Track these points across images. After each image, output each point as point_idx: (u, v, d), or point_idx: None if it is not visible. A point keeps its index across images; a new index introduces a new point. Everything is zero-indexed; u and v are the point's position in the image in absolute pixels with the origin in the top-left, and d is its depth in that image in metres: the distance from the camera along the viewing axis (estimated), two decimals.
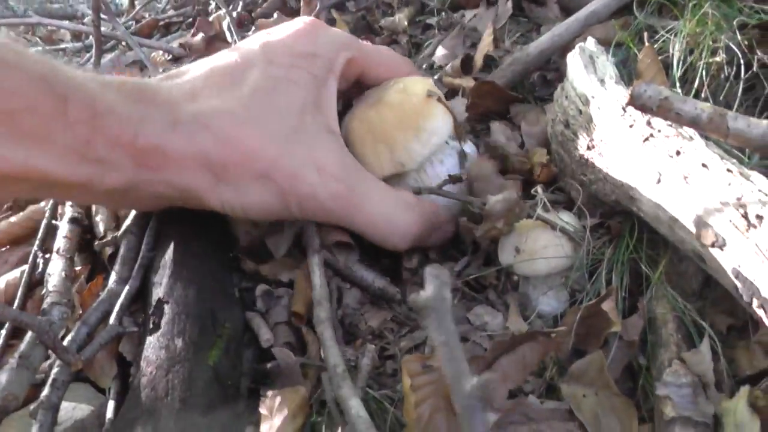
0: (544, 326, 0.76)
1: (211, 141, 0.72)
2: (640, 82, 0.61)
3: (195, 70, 0.79)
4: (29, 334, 0.68)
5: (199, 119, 0.72)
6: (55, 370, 0.70)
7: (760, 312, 0.58)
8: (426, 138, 0.81)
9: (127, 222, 0.87)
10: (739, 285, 0.60)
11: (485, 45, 1.08)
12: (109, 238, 0.87)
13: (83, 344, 0.72)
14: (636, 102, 0.61)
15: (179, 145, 0.70)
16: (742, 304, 0.60)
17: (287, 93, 0.77)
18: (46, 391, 0.67)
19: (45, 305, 0.71)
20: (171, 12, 1.92)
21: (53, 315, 0.69)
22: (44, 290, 0.78)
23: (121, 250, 0.84)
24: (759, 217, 0.58)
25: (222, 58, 0.81)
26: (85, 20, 2.46)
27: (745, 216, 0.59)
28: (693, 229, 0.63)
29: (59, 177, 0.65)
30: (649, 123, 0.71)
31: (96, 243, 0.89)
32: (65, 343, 0.70)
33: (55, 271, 0.77)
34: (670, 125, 0.70)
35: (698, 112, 0.59)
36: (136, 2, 2.58)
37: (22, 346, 0.67)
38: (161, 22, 1.83)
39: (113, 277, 0.81)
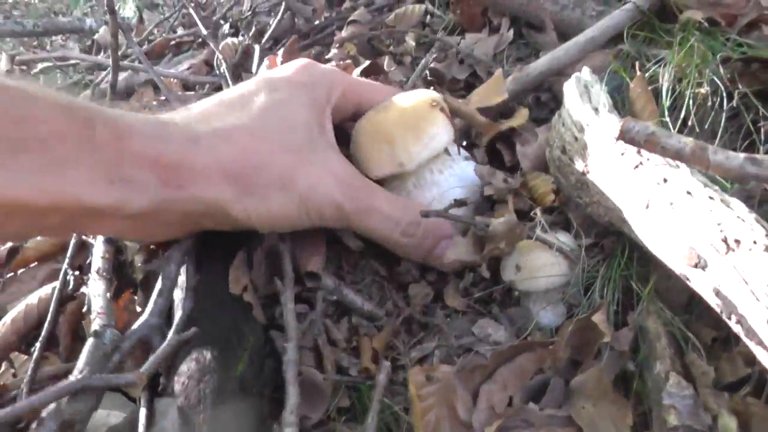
0: (543, 338, 0.82)
1: (232, 152, 0.76)
2: (629, 119, 0.67)
3: (203, 102, 0.85)
4: (85, 353, 0.73)
5: (219, 133, 0.77)
6: None
7: (737, 327, 0.64)
8: (426, 141, 0.87)
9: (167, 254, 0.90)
10: (719, 303, 0.66)
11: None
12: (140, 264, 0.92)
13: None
14: (625, 137, 0.67)
15: (202, 158, 0.75)
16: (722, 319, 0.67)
17: (294, 112, 0.83)
18: None
19: (96, 327, 0.76)
20: (181, 31, 1.97)
21: (106, 337, 0.75)
22: (87, 310, 0.84)
23: (159, 284, 0.86)
24: (737, 241, 0.65)
25: (228, 91, 0.88)
26: (96, 36, 2.53)
27: (725, 240, 0.65)
28: (678, 251, 0.69)
29: (91, 202, 0.68)
30: (639, 152, 0.77)
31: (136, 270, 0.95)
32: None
33: (99, 292, 0.82)
34: None
35: (682, 146, 0.66)
36: (145, 19, 2.65)
37: (80, 365, 0.72)
38: (172, 42, 1.88)
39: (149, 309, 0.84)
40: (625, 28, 1.04)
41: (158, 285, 0.85)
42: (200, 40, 1.83)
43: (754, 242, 0.64)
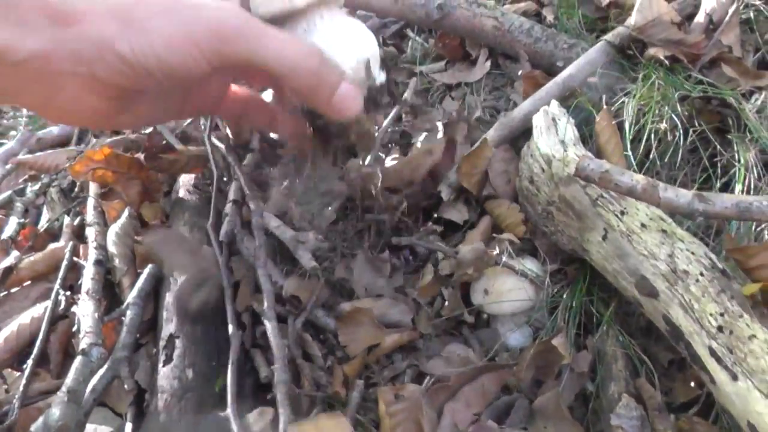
0: (510, 359, 0.86)
1: None
2: (585, 157, 0.72)
3: None
4: (73, 370, 0.78)
5: None
6: None
7: (684, 353, 0.69)
8: None
9: (132, 294, 0.96)
10: (668, 329, 0.71)
11: None
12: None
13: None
14: (581, 174, 0.73)
15: None
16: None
17: None
18: None
19: (84, 345, 0.80)
20: None
21: (92, 355, 0.79)
22: (77, 329, 0.88)
23: (126, 319, 0.93)
24: (685, 272, 0.70)
25: None
26: None
27: (674, 271, 0.70)
28: (632, 280, 0.74)
29: None
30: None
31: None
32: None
33: (88, 312, 0.86)
34: None
35: (634, 183, 0.71)
36: None
37: (69, 381, 0.76)
38: None
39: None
40: (599, 65, 1.08)
41: (127, 318, 0.91)
42: None
43: (701, 274, 0.70)
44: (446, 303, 0.92)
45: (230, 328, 0.85)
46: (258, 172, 1.07)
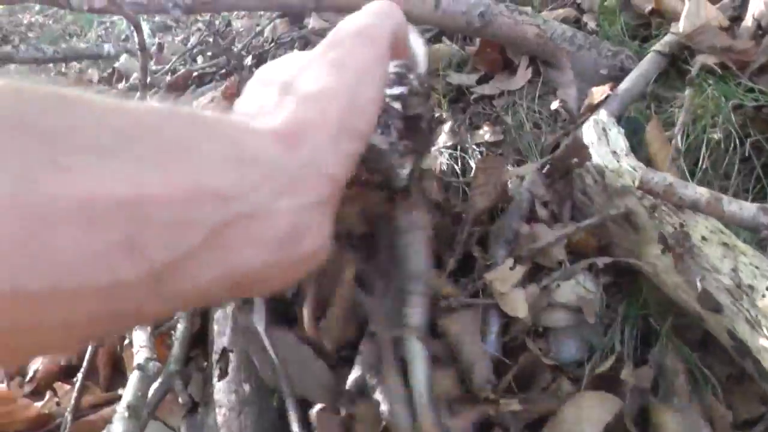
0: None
1: None
2: (648, 170, 0.72)
3: None
4: (132, 385, 0.78)
5: None
6: None
7: (752, 369, 0.68)
8: None
9: None
10: (733, 344, 0.70)
11: None
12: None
13: None
14: (644, 187, 0.72)
15: None
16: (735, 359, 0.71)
17: None
18: None
19: (140, 360, 0.81)
20: (202, 62, 2.03)
21: (149, 369, 0.80)
22: (129, 343, 0.88)
23: (177, 333, 0.94)
24: (750, 287, 0.69)
25: None
26: (117, 65, 2.60)
27: (739, 286, 0.69)
28: (693, 294, 0.73)
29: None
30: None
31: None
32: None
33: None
34: None
35: (698, 196, 0.70)
36: (165, 48, 2.71)
37: (128, 397, 0.77)
38: (195, 73, 1.93)
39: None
40: (653, 76, 1.07)
41: (178, 331, 0.91)
42: (223, 71, 1.88)
43: (767, 288, 0.68)
44: None
45: None
46: None
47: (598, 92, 1.10)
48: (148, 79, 1.52)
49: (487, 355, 0.77)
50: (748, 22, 1.09)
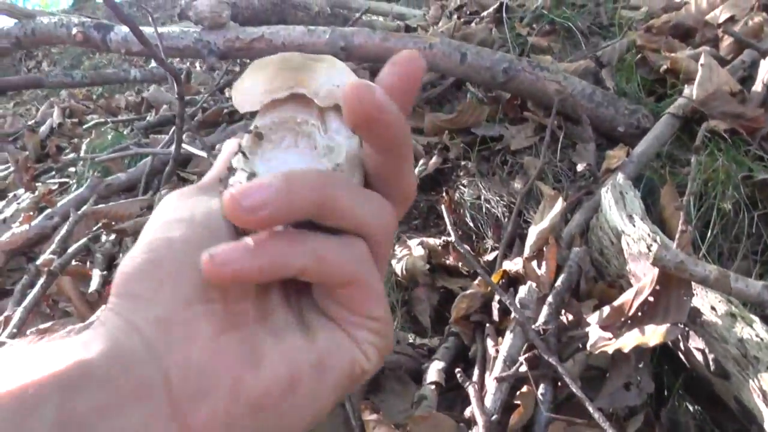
0: None
1: None
2: (661, 248, 0.78)
3: None
4: None
5: None
6: None
7: None
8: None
9: None
10: (739, 409, 0.77)
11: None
12: None
13: None
14: (657, 263, 0.78)
15: None
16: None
17: None
18: None
19: None
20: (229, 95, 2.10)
21: None
22: None
23: None
24: (756, 358, 0.75)
25: None
26: (146, 94, 2.69)
27: (745, 356, 0.76)
28: (702, 359, 0.80)
29: None
30: None
31: None
32: None
33: None
34: None
35: (707, 273, 0.77)
36: (192, 78, 2.80)
37: None
38: (225, 110, 2.00)
39: None
40: (668, 138, 1.14)
41: None
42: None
43: None
44: None
45: None
46: None
47: (615, 156, 1.17)
48: (184, 126, 1.60)
49: None
50: (758, 87, 1.15)
